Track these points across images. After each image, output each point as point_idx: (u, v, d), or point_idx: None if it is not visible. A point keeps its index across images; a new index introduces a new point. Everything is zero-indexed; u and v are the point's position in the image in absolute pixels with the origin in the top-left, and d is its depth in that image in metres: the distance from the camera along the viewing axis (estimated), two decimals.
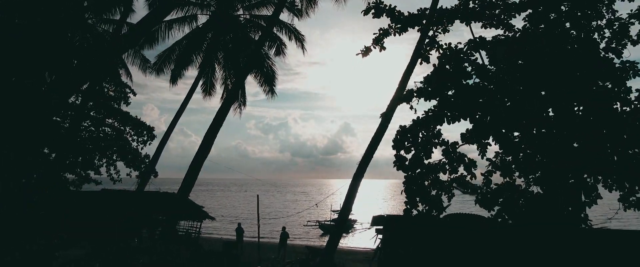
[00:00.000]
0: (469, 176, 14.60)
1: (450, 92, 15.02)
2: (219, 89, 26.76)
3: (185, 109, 24.61)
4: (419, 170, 14.42)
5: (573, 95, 13.73)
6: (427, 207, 14.62)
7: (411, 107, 15.39)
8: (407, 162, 14.25)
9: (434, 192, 14.61)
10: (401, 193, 14.38)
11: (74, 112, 26.12)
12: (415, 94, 15.40)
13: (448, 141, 14.59)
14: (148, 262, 17.27)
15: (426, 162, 14.44)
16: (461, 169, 14.81)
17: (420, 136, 14.50)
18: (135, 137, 27.09)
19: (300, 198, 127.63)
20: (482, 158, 14.53)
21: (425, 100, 15.38)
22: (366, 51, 15.67)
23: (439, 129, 14.80)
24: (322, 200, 53.85)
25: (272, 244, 32.13)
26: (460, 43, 14.74)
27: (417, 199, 14.53)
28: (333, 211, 53.83)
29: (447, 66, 14.63)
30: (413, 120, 14.71)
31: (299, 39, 24.46)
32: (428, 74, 15.07)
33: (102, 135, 25.77)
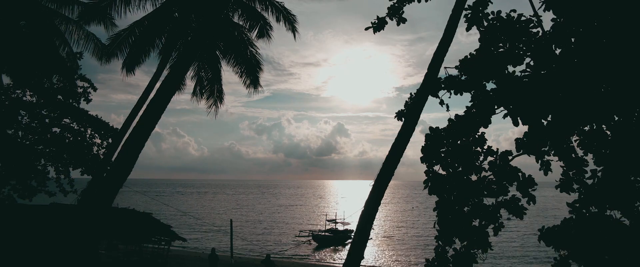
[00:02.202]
0: (525, 199, 10.39)
1: (491, 82, 10.90)
2: (189, 83, 22.43)
3: (145, 105, 20.15)
4: (456, 192, 10.19)
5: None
6: (466, 244, 10.42)
7: (441, 103, 11.22)
8: (441, 181, 10.00)
9: (476, 223, 10.42)
10: (434, 226, 10.14)
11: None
12: (442, 85, 11.25)
13: (497, 149, 10.37)
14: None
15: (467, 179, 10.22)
16: (513, 190, 10.68)
17: (459, 143, 10.28)
18: (96, 141, 22.92)
19: (295, 202, 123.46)
20: (546, 175, 10.35)
21: (456, 93, 11.23)
22: (379, 25, 11.40)
23: (483, 133, 10.59)
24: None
25: (255, 260, 27.92)
26: (514, 10, 10.50)
27: (453, 232, 10.32)
28: (328, 221, 49.53)
29: (496, 42, 10.39)
30: (449, 120, 10.50)
31: (289, 20, 19.99)
32: (466, 56, 10.88)
33: (51, 137, 21.41)
